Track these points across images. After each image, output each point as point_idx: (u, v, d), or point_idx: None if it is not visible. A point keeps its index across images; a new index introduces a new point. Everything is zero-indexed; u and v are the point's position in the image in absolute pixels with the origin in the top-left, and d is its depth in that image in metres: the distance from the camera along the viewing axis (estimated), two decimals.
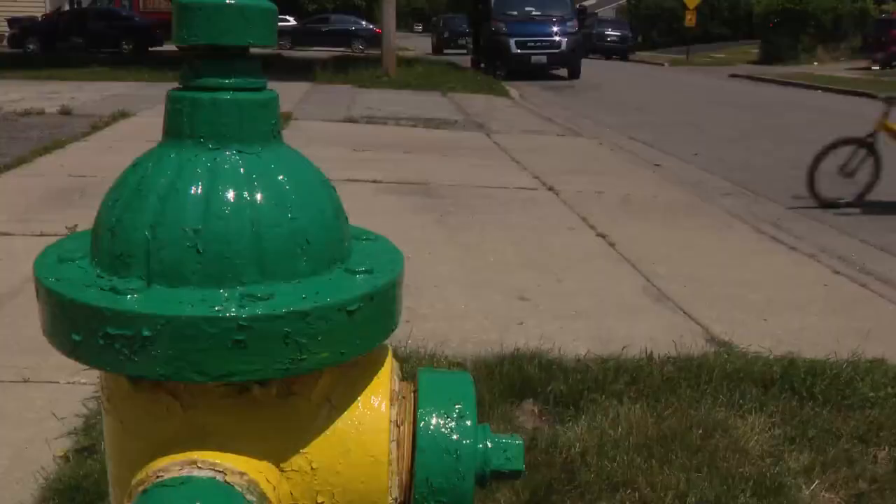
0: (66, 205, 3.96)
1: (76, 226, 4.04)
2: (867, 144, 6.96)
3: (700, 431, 2.77)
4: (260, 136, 0.67)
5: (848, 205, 6.94)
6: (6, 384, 2.87)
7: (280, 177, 0.66)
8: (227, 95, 0.65)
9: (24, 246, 4.48)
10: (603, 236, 5.34)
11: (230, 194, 0.63)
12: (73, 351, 0.63)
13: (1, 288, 3.84)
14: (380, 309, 0.66)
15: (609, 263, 4.77)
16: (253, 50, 0.67)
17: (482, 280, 4.31)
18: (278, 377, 0.61)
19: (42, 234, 4.64)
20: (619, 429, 2.75)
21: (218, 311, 0.58)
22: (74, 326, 0.61)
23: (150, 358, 0.59)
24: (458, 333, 3.52)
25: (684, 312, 3.97)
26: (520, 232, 5.37)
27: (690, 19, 35.77)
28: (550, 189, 6.78)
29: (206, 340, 0.58)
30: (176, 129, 0.66)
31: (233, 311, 0.58)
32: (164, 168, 0.65)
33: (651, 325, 3.76)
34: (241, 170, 0.65)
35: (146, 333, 0.58)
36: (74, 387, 2.86)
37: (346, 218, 0.72)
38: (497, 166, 7.83)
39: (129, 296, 0.61)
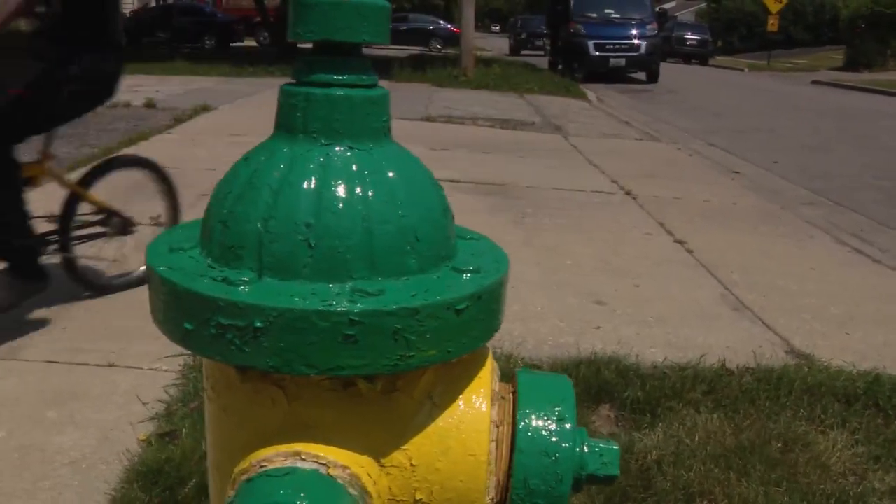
0: (149, 196, 4.06)
1: (159, 216, 4.14)
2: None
3: (779, 445, 2.71)
4: (371, 132, 0.67)
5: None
6: (93, 367, 2.95)
7: (390, 174, 0.66)
8: (341, 92, 0.66)
9: None
10: (681, 242, 5.25)
11: (342, 189, 0.64)
12: (184, 339, 0.64)
13: None
14: (486, 308, 0.66)
15: (686, 270, 4.70)
16: None
17: (558, 282, 4.28)
18: (386, 373, 0.61)
19: None
20: (696, 438, 2.70)
21: (330, 305, 0.59)
22: (187, 315, 0.62)
23: (261, 349, 0.60)
24: (534, 335, 3.50)
25: (763, 322, 3.88)
26: (597, 235, 5.32)
27: (773, 24, 34.84)
28: (628, 193, 6.71)
29: (317, 334, 0.59)
30: (289, 123, 0.67)
31: (345, 306, 0.59)
32: (276, 162, 0.66)
33: (729, 335, 3.69)
34: (353, 166, 0.65)
35: (258, 325, 0.59)
36: (157, 373, 2.92)
37: (453, 217, 0.72)
38: (574, 169, 7.77)
39: (241, 287, 0.61)
